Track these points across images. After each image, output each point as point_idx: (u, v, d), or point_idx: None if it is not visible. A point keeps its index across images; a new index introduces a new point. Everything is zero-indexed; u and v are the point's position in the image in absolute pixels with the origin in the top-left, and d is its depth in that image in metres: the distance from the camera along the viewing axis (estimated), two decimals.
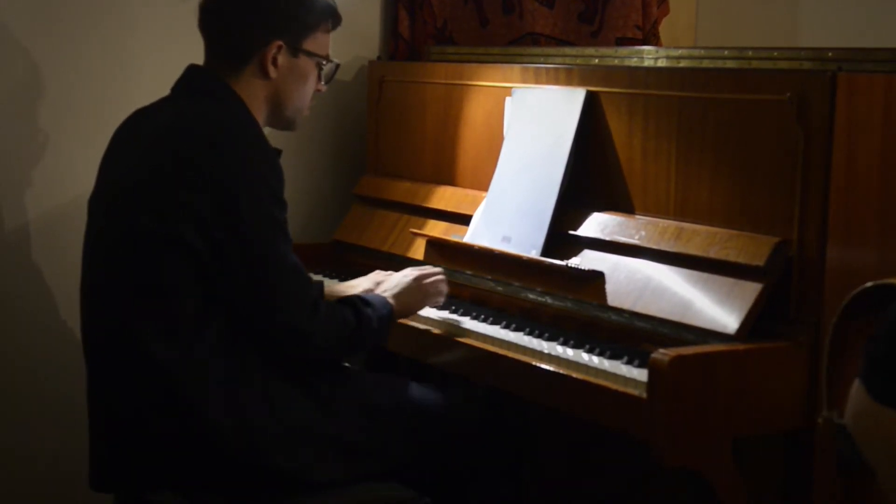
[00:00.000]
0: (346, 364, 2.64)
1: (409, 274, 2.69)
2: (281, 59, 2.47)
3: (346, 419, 2.43)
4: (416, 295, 2.66)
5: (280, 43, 2.45)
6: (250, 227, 2.30)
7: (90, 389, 2.44)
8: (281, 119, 2.54)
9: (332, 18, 2.56)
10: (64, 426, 3.16)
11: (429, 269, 2.73)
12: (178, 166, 2.30)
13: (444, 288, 2.73)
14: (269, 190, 2.34)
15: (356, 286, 2.73)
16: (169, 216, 2.29)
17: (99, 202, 2.45)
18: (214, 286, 2.31)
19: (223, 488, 2.34)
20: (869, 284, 1.98)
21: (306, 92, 2.54)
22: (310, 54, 2.50)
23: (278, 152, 2.47)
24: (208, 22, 2.49)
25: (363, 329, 2.47)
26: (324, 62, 2.54)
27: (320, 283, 2.48)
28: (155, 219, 2.30)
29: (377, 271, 2.81)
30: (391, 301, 2.58)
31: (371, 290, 2.67)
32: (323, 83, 2.57)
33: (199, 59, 2.52)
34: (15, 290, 3.16)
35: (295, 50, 2.48)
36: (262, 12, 2.45)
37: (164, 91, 2.52)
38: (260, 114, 2.49)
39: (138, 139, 2.42)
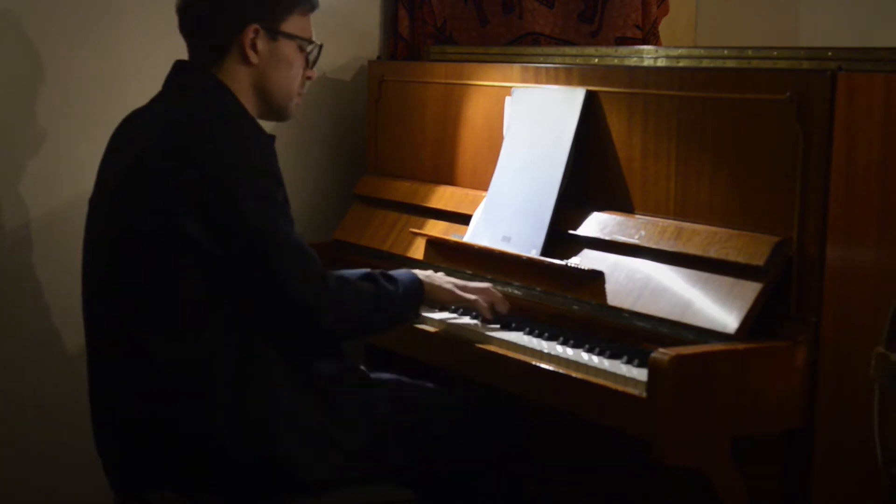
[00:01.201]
0: (362, 367, 2.64)
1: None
2: (260, 44, 2.46)
3: (348, 422, 2.43)
4: (449, 290, 2.62)
5: (256, 27, 2.44)
6: (248, 209, 2.30)
7: (92, 388, 2.44)
8: (272, 107, 2.53)
9: (306, 1, 2.53)
10: (64, 425, 3.15)
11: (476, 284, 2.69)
12: (172, 158, 2.31)
13: (487, 292, 2.67)
14: (264, 170, 2.34)
15: None
16: (167, 209, 2.29)
17: (98, 201, 2.46)
18: (217, 279, 2.31)
19: (224, 488, 2.34)
20: None
21: (292, 77, 2.51)
22: (290, 37, 2.49)
23: (272, 138, 2.47)
24: (186, 17, 2.50)
25: (382, 303, 2.46)
26: (307, 45, 2.52)
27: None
28: (153, 213, 2.30)
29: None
30: (422, 277, 2.57)
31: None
32: (310, 67, 2.56)
33: None
34: (15, 290, 3.16)
35: (273, 33, 2.47)
36: None
37: (160, 89, 2.52)
38: (249, 102, 2.48)
39: (132, 138, 2.43)
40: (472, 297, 2.66)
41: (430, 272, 2.65)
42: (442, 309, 2.76)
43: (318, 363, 2.44)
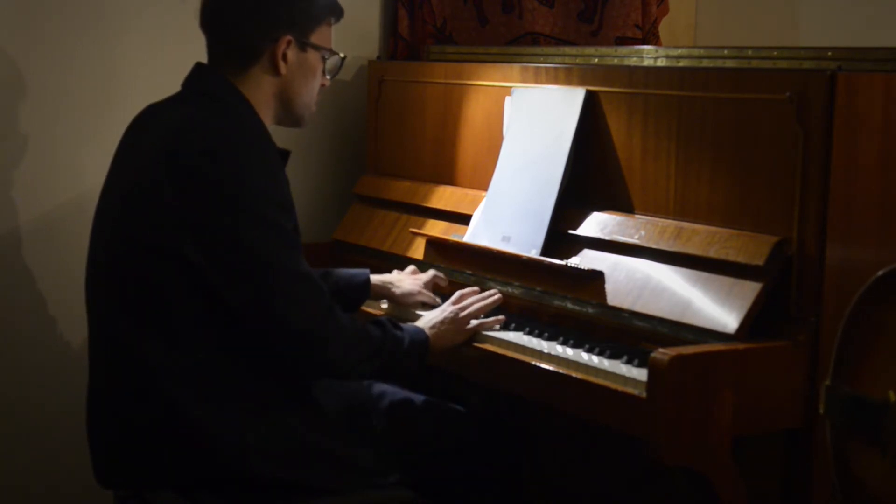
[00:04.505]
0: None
1: (446, 309, 2.64)
2: (290, 55, 2.45)
3: (345, 439, 2.41)
4: (451, 329, 2.60)
5: (290, 38, 2.44)
6: (252, 237, 2.27)
7: (91, 387, 2.43)
8: (291, 115, 2.52)
9: (335, 11, 2.54)
10: (64, 426, 3.15)
11: (466, 301, 2.67)
12: (177, 175, 2.28)
13: (481, 310, 2.66)
14: (271, 197, 2.30)
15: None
16: (166, 227, 2.26)
17: (107, 204, 2.43)
18: (212, 298, 2.28)
19: (221, 491, 2.33)
20: (881, 272, 1.98)
21: (314, 87, 2.51)
22: (317, 48, 2.48)
23: (287, 153, 2.45)
24: (213, 22, 2.46)
25: (389, 347, 2.42)
26: (328, 55, 2.52)
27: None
28: (154, 229, 2.28)
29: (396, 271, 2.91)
30: (427, 331, 2.55)
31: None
32: (328, 77, 2.56)
33: (194, 60, 2.49)
34: (14, 292, 3.15)
35: (303, 44, 2.46)
36: (269, 7, 2.43)
37: (163, 90, 2.51)
38: (268, 112, 2.47)
39: (145, 143, 2.39)
40: (476, 324, 2.64)
41: (432, 319, 2.61)
42: None
43: (314, 380, 2.43)
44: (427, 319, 2.61)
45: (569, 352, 2.49)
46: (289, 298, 2.30)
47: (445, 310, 2.64)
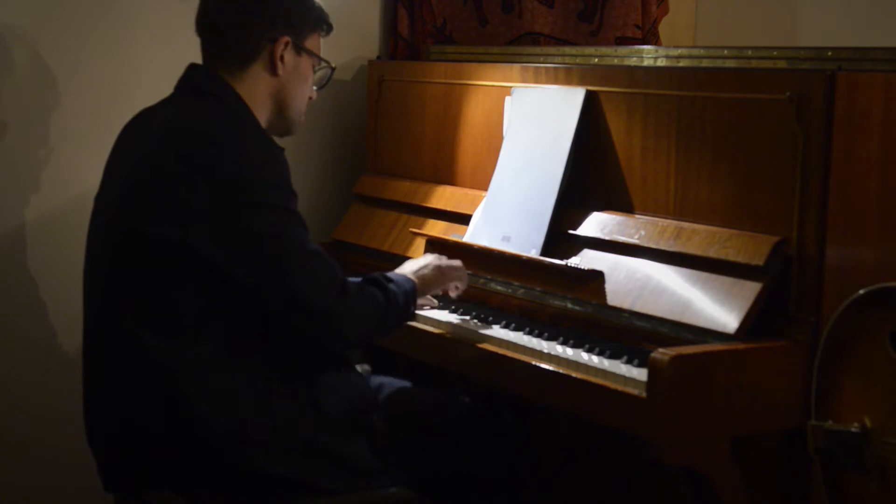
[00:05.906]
0: (357, 367, 2.64)
1: (427, 257, 2.72)
2: (287, 56, 2.47)
3: (347, 435, 2.41)
4: (435, 274, 2.67)
5: (288, 39, 2.46)
6: (260, 221, 2.29)
7: (86, 385, 2.43)
8: (283, 120, 2.54)
9: (327, 23, 2.58)
10: (64, 425, 3.15)
11: (447, 258, 2.75)
12: (179, 166, 2.30)
13: (463, 275, 2.75)
14: (274, 181, 2.33)
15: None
16: (171, 218, 2.28)
17: (103, 202, 2.45)
18: (218, 291, 2.30)
19: (222, 490, 2.33)
20: (861, 292, 1.99)
21: (305, 93, 2.55)
22: (311, 54, 2.52)
23: (282, 150, 2.46)
24: (212, 21, 2.48)
25: (391, 307, 2.47)
26: (319, 65, 2.56)
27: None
28: (156, 221, 2.29)
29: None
30: (412, 277, 2.59)
31: None
32: (315, 88, 2.58)
33: (197, 60, 2.51)
34: (14, 291, 3.16)
35: (299, 48, 2.49)
36: (270, 7, 2.46)
37: (166, 90, 2.52)
38: (263, 113, 2.48)
39: (141, 140, 2.42)
40: (460, 284, 2.74)
41: (415, 265, 2.67)
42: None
43: (316, 375, 2.43)
44: (410, 267, 2.66)
45: (569, 352, 2.49)
46: (304, 277, 2.32)
47: (427, 257, 2.71)
